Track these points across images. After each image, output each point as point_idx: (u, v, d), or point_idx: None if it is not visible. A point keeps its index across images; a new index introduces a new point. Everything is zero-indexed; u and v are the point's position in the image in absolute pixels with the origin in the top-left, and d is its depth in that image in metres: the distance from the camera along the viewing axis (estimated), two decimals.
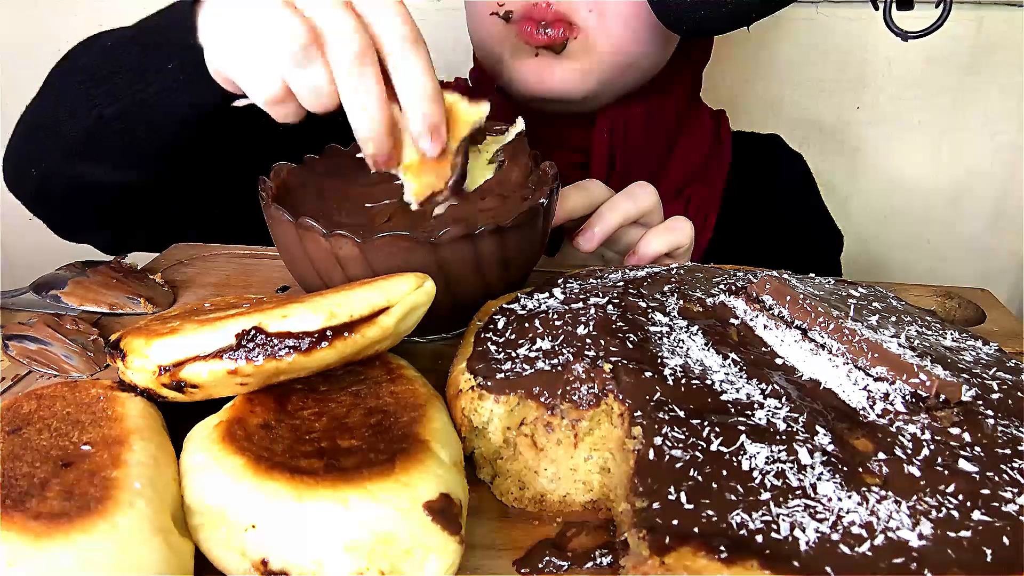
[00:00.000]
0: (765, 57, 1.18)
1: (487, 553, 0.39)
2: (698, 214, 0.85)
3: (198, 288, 0.67)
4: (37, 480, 0.34)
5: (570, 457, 0.42)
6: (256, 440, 0.37)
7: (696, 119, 0.89)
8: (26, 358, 0.53)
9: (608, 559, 0.38)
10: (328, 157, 0.65)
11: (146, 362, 0.40)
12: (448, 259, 0.50)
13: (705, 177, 0.88)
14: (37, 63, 1.25)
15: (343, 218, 0.58)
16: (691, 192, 0.86)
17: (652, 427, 0.37)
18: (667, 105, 0.83)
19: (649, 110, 0.82)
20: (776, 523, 0.33)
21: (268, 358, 0.38)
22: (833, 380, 0.42)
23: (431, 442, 0.38)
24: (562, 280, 0.53)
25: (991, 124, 1.18)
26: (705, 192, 0.87)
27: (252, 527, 0.34)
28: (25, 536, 0.31)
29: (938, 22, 0.56)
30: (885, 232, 1.27)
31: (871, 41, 1.15)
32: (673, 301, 0.50)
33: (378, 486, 0.34)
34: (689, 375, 0.41)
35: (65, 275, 0.62)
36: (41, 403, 0.40)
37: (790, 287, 0.48)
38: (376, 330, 0.41)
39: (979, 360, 0.46)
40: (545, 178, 0.59)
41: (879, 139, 1.21)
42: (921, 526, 0.33)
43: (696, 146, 0.88)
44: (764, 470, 0.35)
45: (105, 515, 0.32)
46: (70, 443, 0.37)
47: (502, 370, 0.43)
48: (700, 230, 0.85)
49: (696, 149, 0.88)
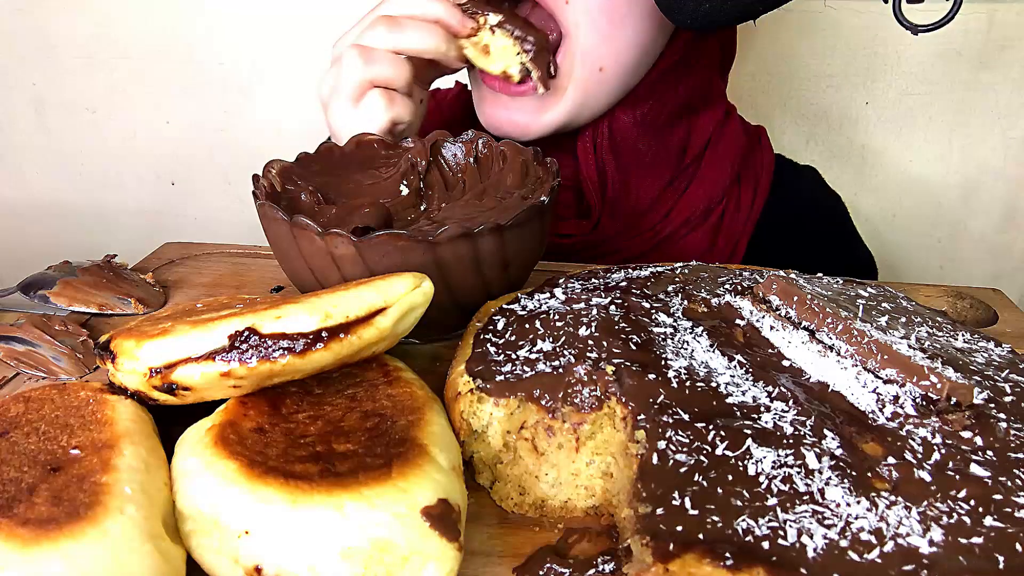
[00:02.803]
0: (772, 51, 1.17)
1: (486, 560, 0.38)
2: (728, 242, 0.81)
3: (190, 288, 0.67)
4: (25, 485, 0.34)
5: (571, 461, 0.41)
6: (249, 444, 0.37)
7: (715, 127, 0.83)
8: (14, 360, 0.53)
9: (611, 566, 0.37)
10: (323, 154, 0.64)
11: (137, 364, 0.39)
12: (447, 258, 0.50)
13: (737, 199, 0.82)
14: (38, 63, 1.26)
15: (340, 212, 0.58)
16: (722, 212, 0.81)
17: (656, 431, 0.37)
18: (664, 110, 0.78)
19: (641, 117, 0.77)
20: (783, 529, 0.32)
21: (262, 360, 0.38)
22: (842, 382, 0.41)
23: (429, 446, 0.38)
24: (563, 280, 0.53)
25: (1003, 120, 1.17)
26: (739, 217, 0.81)
27: (245, 533, 0.34)
28: (12, 543, 0.31)
29: (949, 15, 0.55)
30: (894, 231, 1.26)
31: (880, 35, 1.14)
32: (677, 301, 0.49)
33: (375, 491, 0.34)
34: (694, 377, 0.41)
35: (53, 275, 0.62)
36: (29, 406, 0.40)
37: (797, 287, 0.47)
38: (373, 331, 0.40)
39: (991, 362, 0.46)
40: (546, 176, 0.59)
41: (888, 135, 1.20)
42: (932, 532, 0.32)
43: (718, 161, 0.82)
44: (771, 475, 0.35)
45: (95, 521, 0.32)
46: (59, 447, 0.36)
47: (502, 372, 0.43)
48: (729, 256, 0.81)
49: (718, 164, 0.82)
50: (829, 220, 0.90)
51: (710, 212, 0.81)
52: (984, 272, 1.26)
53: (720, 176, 0.81)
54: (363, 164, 0.66)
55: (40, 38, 1.24)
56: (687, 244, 0.81)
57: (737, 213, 0.82)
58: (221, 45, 1.22)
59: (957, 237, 1.26)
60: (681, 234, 0.81)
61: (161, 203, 1.34)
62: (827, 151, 1.21)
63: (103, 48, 1.24)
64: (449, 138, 0.67)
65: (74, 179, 1.34)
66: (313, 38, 1.20)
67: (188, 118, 1.28)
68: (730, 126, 0.84)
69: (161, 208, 1.34)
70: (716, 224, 0.81)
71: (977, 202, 1.23)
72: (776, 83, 1.19)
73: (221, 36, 1.22)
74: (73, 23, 1.22)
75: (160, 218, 1.35)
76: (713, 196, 0.81)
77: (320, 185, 0.62)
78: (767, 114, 1.20)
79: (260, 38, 1.21)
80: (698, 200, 0.81)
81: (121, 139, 1.30)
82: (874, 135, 1.21)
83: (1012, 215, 1.23)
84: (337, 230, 0.49)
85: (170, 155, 1.31)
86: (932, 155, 1.21)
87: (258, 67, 1.23)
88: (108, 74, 1.25)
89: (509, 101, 0.72)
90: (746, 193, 0.83)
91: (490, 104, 0.74)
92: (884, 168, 1.23)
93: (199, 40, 1.22)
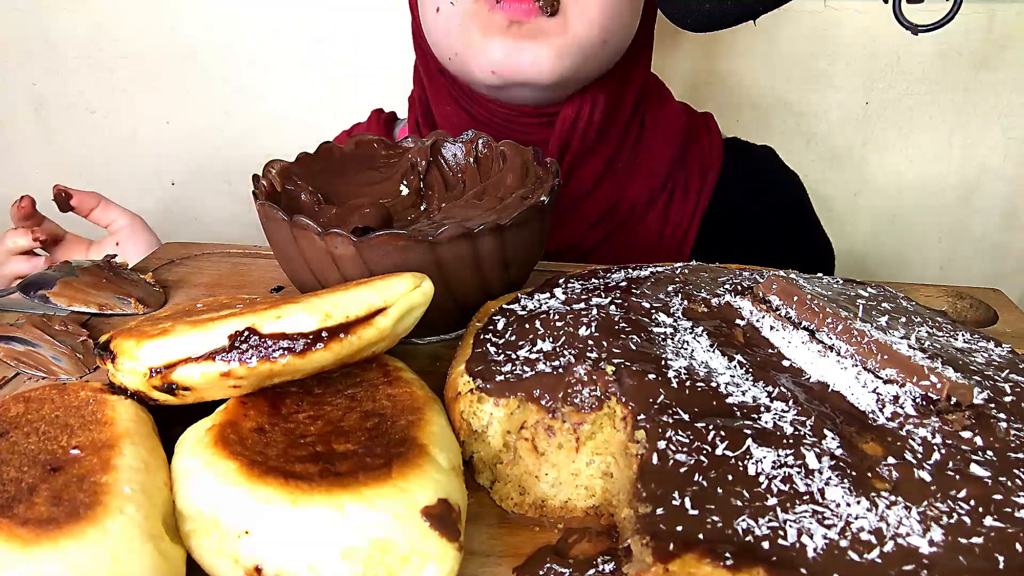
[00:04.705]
0: (771, 52, 1.17)
1: (486, 560, 0.38)
2: (677, 228, 0.82)
3: (190, 288, 0.66)
4: (25, 485, 0.34)
5: (571, 461, 0.41)
6: (249, 444, 0.37)
7: (654, 113, 0.83)
8: (14, 360, 0.52)
9: (611, 566, 0.37)
10: (323, 154, 0.64)
11: (137, 364, 0.39)
12: (447, 258, 0.50)
13: (684, 185, 0.83)
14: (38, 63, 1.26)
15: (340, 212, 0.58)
16: (669, 199, 0.82)
17: (656, 431, 0.37)
18: (627, 93, 0.80)
19: (608, 99, 0.78)
20: (783, 529, 0.32)
21: (262, 360, 0.38)
22: (842, 382, 0.41)
23: (429, 446, 0.37)
24: (563, 280, 0.53)
25: (1003, 120, 1.17)
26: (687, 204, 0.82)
27: (245, 533, 0.34)
28: (12, 543, 0.31)
29: (949, 16, 0.55)
30: (894, 231, 1.26)
31: (880, 35, 1.13)
32: (677, 301, 0.49)
33: (375, 491, 0.34)
34: (694, 377, 0.41)
35: (53, 275, 0.62)
36: (29, 406, 0.40)
37: (797, 287, 0.47)
38: (373, 331, 0.40)
39: (991, 362, 0.46)
40: (546, 176, 0.59)
41: (888, 135, 1.20)
42: (932, 532, 0.32)
43: (656, 145, 0.83)
44: (771, 475, 0.35)
45: (95, 521, 0.32)
46: (59, 447, 0.36)
47: (502, 372, 0.43)
48: (680, 242, 0.81)
49: (656, 149, 0.82)
50: (783, 200, 0.90)
51: (655, 199, 0.82)
52: (984, 272, 1.26)
53: (660, 159, 0.82)
54: (363, 164, 0.66)
55: (40, 38, 1.24)
56: (638, 232, 0.81)
57: (685, 199, 0.82)
58: (221, 45, 1.22)
59: (957, 237, 1.26)
60: (630, 222, 0.81)
61: (161, 203, 1.34)
62: (827, 151, 1.21)
63: (103, 48, 1.24)
64: (449, 138, 0.67)
65: (74, 179, 1.33)
66: (313, 38, 1.20)
67: (188, 118, 1.27)
68: (666, 109, 0.85)
69: (161, 208, 1.34)
70: (663, 211, 0.82)
71: (977, 202, 1.23)
72: (776, 83, 1.19)
73: (221, 36, 1.21)
74: (73, 23, 1.22)
75: (160, 218, 1.35)
76: (654, 181, 0.81)
77: (320, 185, 0.62)
78: (767, 114, 1.19)
79: (260, 38, 1.21)
80: (639, 186, 0.81)
81: (121, 139, 1.30)
82: (874, 135, 1.20)
83: (1012, 215, 1.23)
84: (337, 230, 0.49)
85: (170, 155, 1.30)
86: (932, 155, 1.21)
87: (258, 67, 1.23)
88: (108, 74, 1.25)
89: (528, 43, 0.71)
90: (693, 179, 0.83)
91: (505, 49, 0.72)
92: (884, 168, 1.22)
93: (199, 40, 1.22)
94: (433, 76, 0.82)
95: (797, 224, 0.89)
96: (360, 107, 0.97)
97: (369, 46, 1.19)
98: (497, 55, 0.72)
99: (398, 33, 1.16)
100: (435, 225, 0.55)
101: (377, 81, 1.21)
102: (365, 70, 1.21)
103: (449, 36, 0.75)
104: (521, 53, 0.71)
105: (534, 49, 0.71)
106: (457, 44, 0.75)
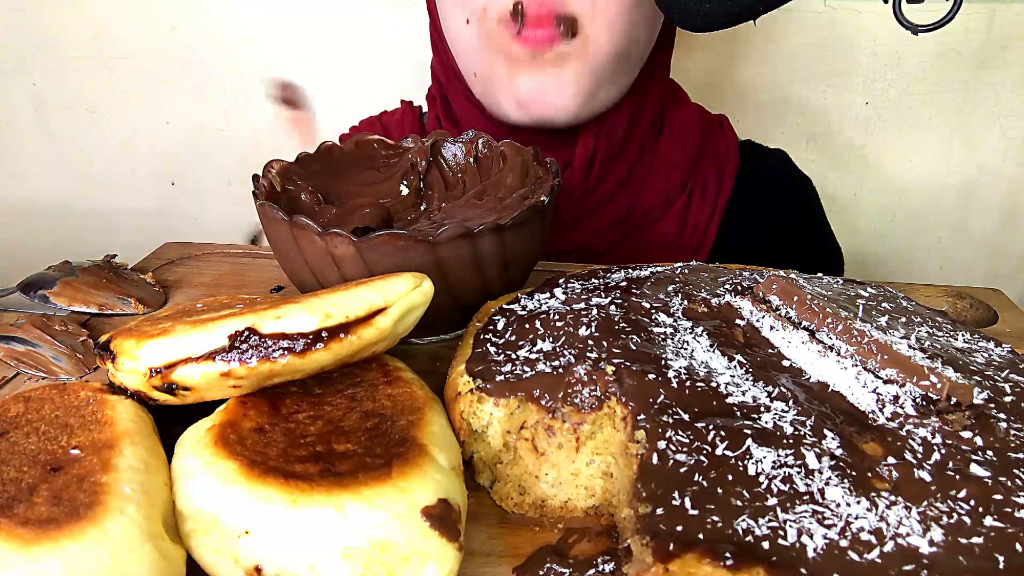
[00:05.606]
0: (772, 52, 1.17)
1: (486, 560, 0.38)
2: (696, 230, 0.81)
3: (190, 288, 0.66)
4: (25, 485, 0.34)
5: (571, 461, 0.41)
6: (249, 444, 0.37)
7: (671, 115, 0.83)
8: (14, 360, 0.52)
9: (611, 566, 0.37)
10: (323, 154, 0.64)
11: (136, 364, 0.39)
12: (447, 258, 0.50)
13: (702, 187, 0.83)
14: (38, 63, 1.26)
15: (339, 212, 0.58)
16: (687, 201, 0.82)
17: (656, 431, 0.37)
18: (647, 103, 0.80)
19: (630, 115, 0.78)
20: (783, 529, 0.32)
21: (262, 360, 0.38)
22: (842, 382, 0.41)
23: (429, 446, 0.37)
24: (563, 280, 0.53)
25: (1003, 120, 1.17)
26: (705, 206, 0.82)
27: (245, 533, 0.33)
28: (12, 543, 0.31)
29: (949, 15, 0.55)
30: (894, 231, 1.26)
31: (880, 35, 1.13)
32: (677, 301, 0.49)
33: (375, 491, 0.34)
34: (694, 377, 0.41)
35: (53, 275, 0.62)
36: (29, 406, 0.40)
37: (797, 287, 0.47)
38: (373, 331, 0.40)
39: (991, 362, 0.45)
40: (546, 176, 0.59)
41: (888, 135, 1.20)
42: (932, 532, 0.32)
43: (673, 146, 0.82)
44: (771, 475, 0.35)
45: (95, 521, 0.32)
46: (59, 447, 0.36)
47: (502, 372, 0.43)
48: (698, 245, 0.81)
49: (674, 150, 0.82)
50: (798, 204, 0.90)
51: (672, 201, 0.81)
52: (984, 272, 1.26)
53: (678, 162, 0.82)
54: (363, 164, 0.66)
55: (40, 38, 1.24)
56: (655, 234, 0.81)
57: (703, 201, 0.82)
58: (221, 45, 1.22)
59: (957, 237, 1.26)
60: (647, 224, 0.81)
61: (161, 203, 1.34)
62: (827, 151, 1.21)
63: (103, 48, 1.24)
64: (449, 138, 0.67)
65: (74, 179, 1.34)
66: (313, 38, 1.20)
67: (188, 118, 1.27)
68: (682, 111, 0.85)
69: (161, 208, 1.34)
70: (682, 213, 0.81)
71: (977, 202, 1.23)
72: (776, 83, 1.19)
73: (221, 36, 1.21)
74: (73, 23, 1.22)
75: (160, 218, 1.35)
76: (672, 184, 0.81)
77: (320, 185, 0.62)
78: (767, 114, 1.19)
79: (260, 38, 1.21)
80: (658, 188, 0.81)
81: (121, 139, 1.30)
82: (874, 135, 1.20)
83: (1012, 215, 1.23)
84: (337, 230, 0.49)
85: (170, 155, 1.30)
86: (932, 155, 1.21)
87: (258, 67, 1.23)
88: (108, 74, 1.25)
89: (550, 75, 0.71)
90: (710, 181, 0.83)
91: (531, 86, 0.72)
92: (884, 168, 1.22)
93: (199, 40, 1.22)
94: (451, 78, 0.82)
95: (810, 228, 0.90)
96: (360, 107, 0.97)
97: (369, 46, 1.19)
98: (524, 93, 0.72)
99: (399, 33, 1.16)
100: (435, 225, 0.55)
101: (377, 81, 1.21)
102: (366, 70, 1.21)
103: (474, 53, 0.75)
104: (546, 91, 0.72)
105: (557, 76, 0.71)
106: (480, 65, 0.75)
